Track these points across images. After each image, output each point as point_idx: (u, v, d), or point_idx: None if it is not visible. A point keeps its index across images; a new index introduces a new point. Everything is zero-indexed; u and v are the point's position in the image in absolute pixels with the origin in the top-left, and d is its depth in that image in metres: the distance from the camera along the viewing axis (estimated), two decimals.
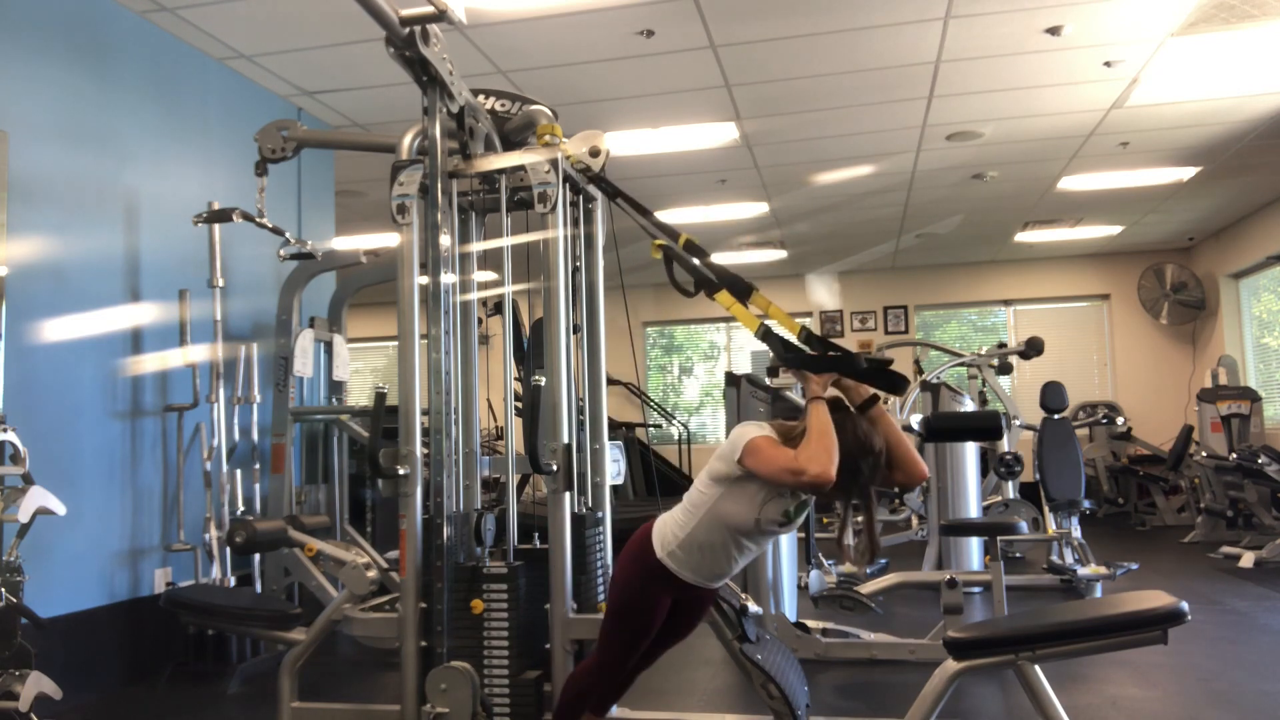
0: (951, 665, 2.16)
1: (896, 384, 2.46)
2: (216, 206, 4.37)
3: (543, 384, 2.99)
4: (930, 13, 4.52)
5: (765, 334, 2.58)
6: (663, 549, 2.49)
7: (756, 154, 6.56)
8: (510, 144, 3.32)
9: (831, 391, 2.46)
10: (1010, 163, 6.96)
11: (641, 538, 2.55)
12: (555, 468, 2.98)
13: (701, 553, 2.47)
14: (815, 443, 2.30)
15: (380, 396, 3.18)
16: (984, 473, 6.66)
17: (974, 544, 5.86)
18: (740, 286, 2.71)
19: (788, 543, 4.48)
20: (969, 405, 6.51)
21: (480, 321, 3.39)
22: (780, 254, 9.89)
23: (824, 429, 2.32)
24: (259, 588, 4.50)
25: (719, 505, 2.44)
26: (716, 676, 4.06)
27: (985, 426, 4.97)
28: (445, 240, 2.97)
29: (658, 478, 8.43)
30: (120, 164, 4.23)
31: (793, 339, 2.58)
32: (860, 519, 2.56)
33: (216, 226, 4.40)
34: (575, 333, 3.33)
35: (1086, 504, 6.19)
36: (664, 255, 2.82)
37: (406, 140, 3.11)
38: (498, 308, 3.47)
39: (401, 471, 2.94)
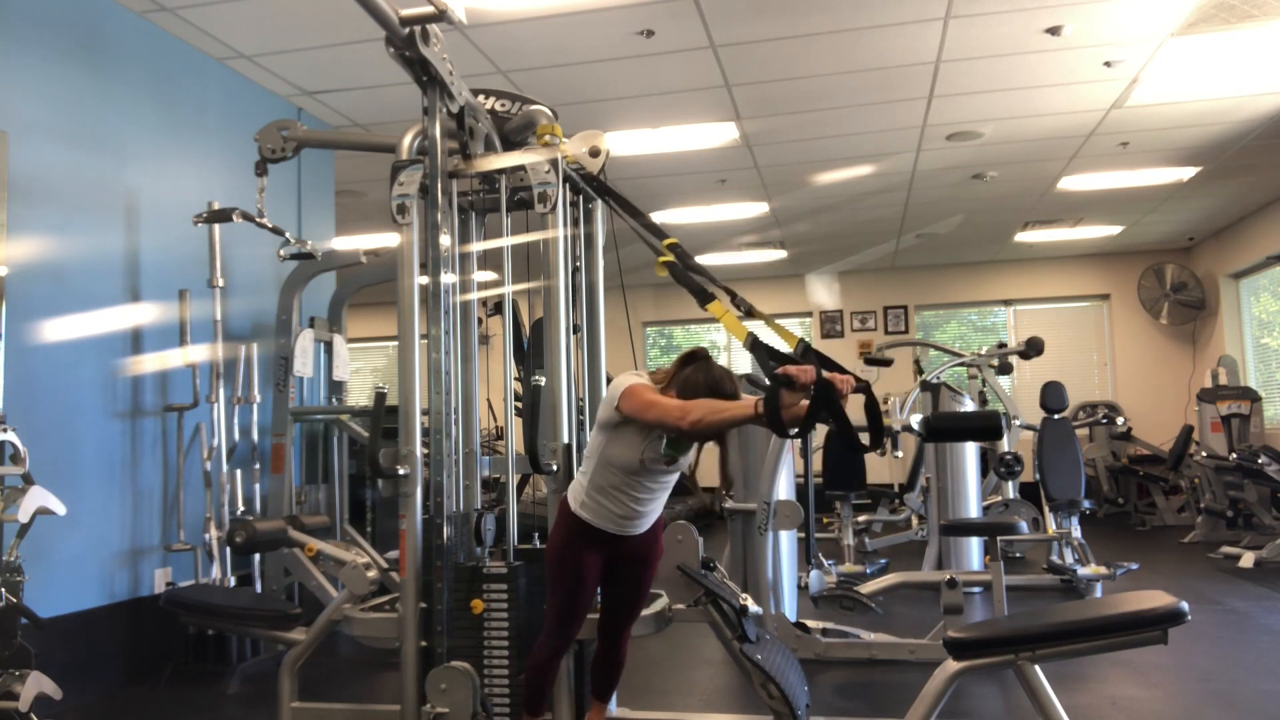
0: (951, 665, 2.16)
1: (868, 448, 2.51)
2: (216, 206, 4.37)
3: (543, 384, 2.99)
4: (930, 13, 4.52)
5: (754, 345, 2.59)
6: (575, 502, 2.73)
7: (756, 154, 6.56)
8: (510, 144, 3.31)
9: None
10: (1010, 163, 6.96)
11: (563, 500, 2.79)
12: (555, 468, 2.98)
13: (605, 496, 2.68)
14: (706, 413, 2.44)
15: (380, 396, 3.18)
16: (984, 473, 6.66)
17: (974, 544, 5.86)
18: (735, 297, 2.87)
19: (788, 543, 4.48)
20: (969, 405, 6.51)
21: (480, 321, 3.39)
22: (780, 254, 9.89)
23: (725, 421, 2.45)
24: (259, 588, 4.50)
25: (606, 450, 2.65)
26: (716, 676, 4.06)
27: (985, 426, 4.97)
28: (445, 240, 2.97)
29: None
30: (120, 164, 4.23)
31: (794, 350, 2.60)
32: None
33: (216, 226, 4.40)
34: (575, 333, 3.33)
35: (1086, 504, 6.19)
36: (670, 272, 2.89)
37: (406, 140, 3.11)
38: (498, 308, 3.47)
39: (401, 471, 2.94)
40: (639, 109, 5.68)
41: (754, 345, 2.58)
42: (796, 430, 2.44)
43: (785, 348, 2.57)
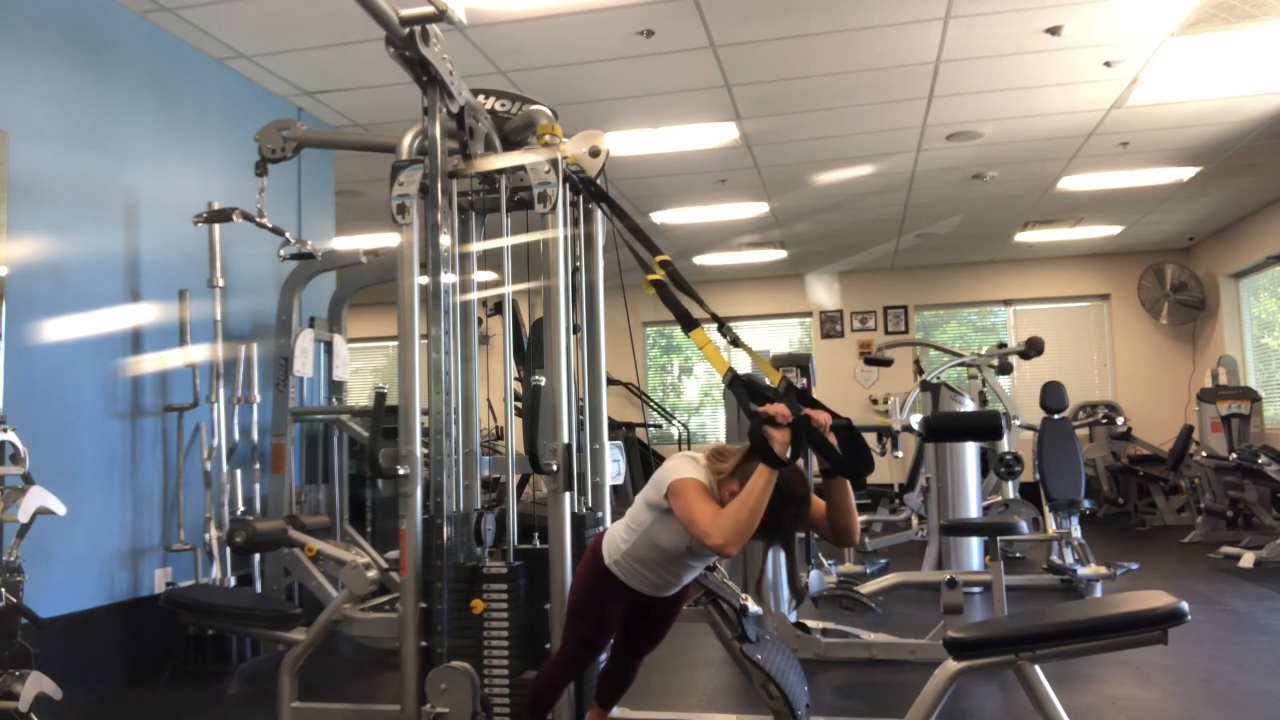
0: (951, 665, 2.16)
1: (858, 473, 2.40)
2: (216, 206, 4.37)
3: (543, 384, 2.99)
4: (930, 13, 4.52)
5: (733, 381, 2.54)
6: (609, 557, 2.61)
7: (756, 154, 6.56)
8: (510, 144, 3.31)
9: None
10: (1010, 163, 6.96)
11: (597, 543, 2.68)
12: (555, 468, 2.98)
13: (644, 566, 2.58)
14: (736, 514, 2.27)
15: (380, 396, 3.18)
16: (984, 473, 6.66)
17: (974, 544, 5.86)
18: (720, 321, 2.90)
19: None
20: (969, 405, 6.51)
21: (480, 321, 3.39)
22: (780, 254, 9.89)
23: (755, 504, 2.26)
24: (259, 588, 4.50)
25: (652, 530, 2.52)
26: (716, 676, 4.06)
27: (985, 426, 4.95)
28: (445, 240, 2.97)
29: None
30: (120, 164, 4.23)
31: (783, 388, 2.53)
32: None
33: (216, 226, 4.40)
34: (575, 333, 3.33)
35: (1086, 504, 6.19)
36: (658, 292, 2.89)
37: (406, 140, 3.11)
38: (498, 308, 3.47)
39: (401, 471, 2.94)
40: (639, 109, 5.68)
41: (732, 382, 2.53)
42: (785, 461, 2.34)
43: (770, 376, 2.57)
